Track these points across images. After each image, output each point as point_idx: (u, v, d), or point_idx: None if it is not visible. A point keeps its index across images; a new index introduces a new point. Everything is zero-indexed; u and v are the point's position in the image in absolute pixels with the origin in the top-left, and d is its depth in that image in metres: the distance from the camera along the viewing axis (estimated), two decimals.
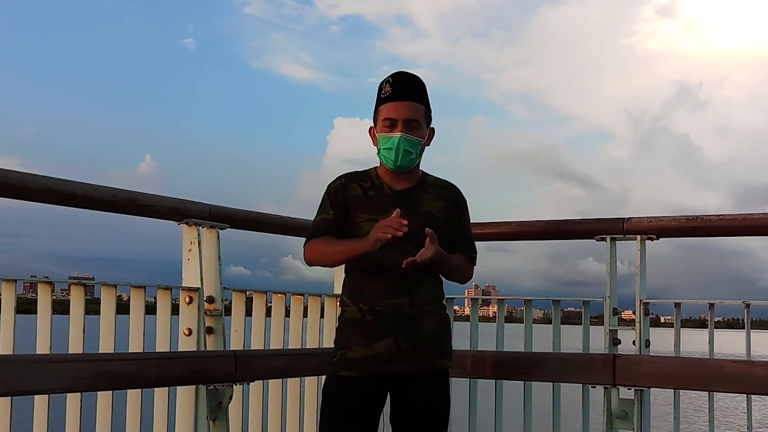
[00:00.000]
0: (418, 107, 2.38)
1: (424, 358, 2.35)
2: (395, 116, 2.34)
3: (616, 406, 3.02)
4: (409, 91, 2.38)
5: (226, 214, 3.14)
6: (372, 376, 2.33)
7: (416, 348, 2.33)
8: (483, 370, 3.25)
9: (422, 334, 2.34)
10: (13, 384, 2.30)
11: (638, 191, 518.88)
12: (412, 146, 2.35)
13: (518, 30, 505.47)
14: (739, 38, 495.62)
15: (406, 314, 2.32)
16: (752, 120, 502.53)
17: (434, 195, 2.43)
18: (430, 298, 2.40)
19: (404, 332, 2.32)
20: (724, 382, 2.79)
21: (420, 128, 2.37)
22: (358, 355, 2.35)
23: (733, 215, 2.99)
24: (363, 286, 2.38)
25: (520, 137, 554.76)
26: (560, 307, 3.46)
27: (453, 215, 2.44)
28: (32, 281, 2.83)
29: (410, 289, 2.33)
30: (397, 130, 2.34)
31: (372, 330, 2.33)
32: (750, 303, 2.96)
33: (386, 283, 2.33)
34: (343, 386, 2.37)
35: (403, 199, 2.37)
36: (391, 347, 2.31)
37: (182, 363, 2.83)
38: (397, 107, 2.34)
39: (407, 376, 2.33)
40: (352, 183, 2.44)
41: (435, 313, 2.40)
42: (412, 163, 2.39)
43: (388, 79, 2.39)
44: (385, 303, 2.33)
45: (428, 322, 2.36)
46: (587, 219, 3.32)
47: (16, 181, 2.45)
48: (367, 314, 2.35)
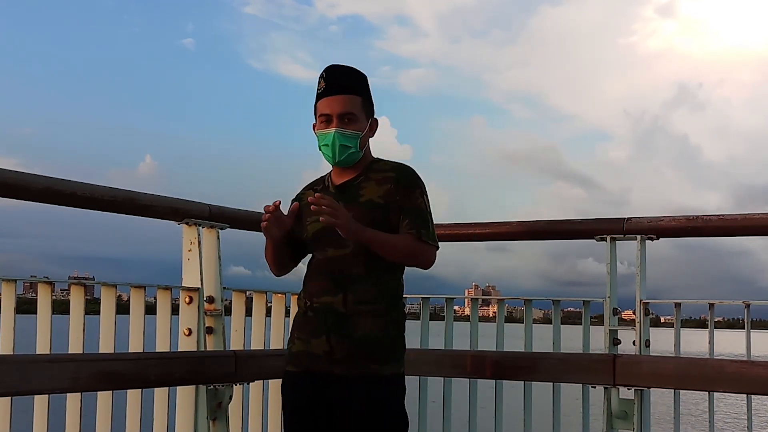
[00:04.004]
0: (354, 99, 2.31)
1: (358, 362, 2.21)
2: (329, 111, 2.29)
3: (616, 407, 3.02)
4: (342, 84, 2.31)
5: (226, 214, 3.14)
6: (310, 372, 2.27)
7: (349, 350, 2.21)
8: (483, 370, 3.25)
9: (357, 336, 2.21)
10: (13, 384, 2.30)
11: (638, 191, 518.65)
12: (349, 140, 2.29)
13: (518, 30, 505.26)
14: (740, 38, 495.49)
15: (339, 313, 2.23)
16: (752, 120, 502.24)
17: (377, 180, 2.32)
18: (369, 297, 2.25)
19: (336, 332, 2.23)
20: (724, 382, 2.79)
21: (357, 121, 2.30)
22: (299, 349, 2.31)
23: (733, 215, 2.99)
24: (307, 282, 2.36)
25: (520, 137, 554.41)
26: (560, 307, 3.46)
27: (397, 196, 2.30)
28: (32, 281, 2.83)
29: (345, 287, 2.24)
30: (332, 125, 2.29)
31: (310, 327, 2.29)
32: (750, 303, 2.96)
33: (323, 279, 2.28)
34: (288, 381, 2.35)
35: (342, 193, 2.32)
36: (324, 347, 2.24)
37: (182, 363, 2.84)
38: (330, 102, 2.29)
39: (341, 379, 2.22)
40: (306, 191, 2.44)
41: (377, 314, 2.25)
42: (352, 157, 2.32)
43: (322, 73, 2.33)
44: (320, 300, 2.28)
45: (366, 323, 2.22)
46: (587, 219, 3.32)
47: (15, 180, 2.45)
48: (308, 310, 2.31)
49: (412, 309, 3.79)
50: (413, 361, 3.32)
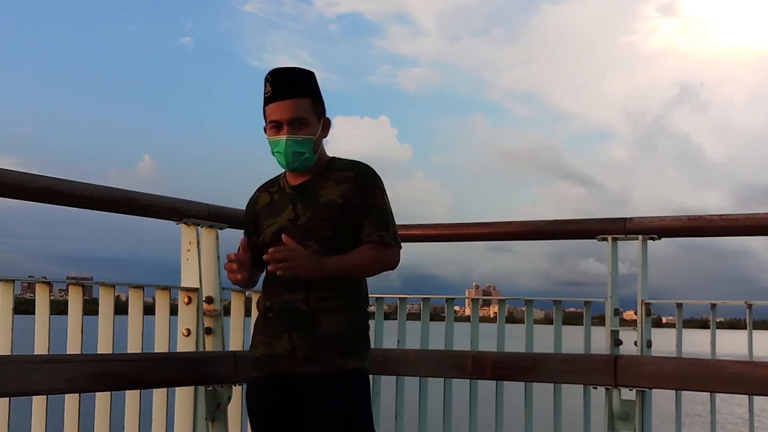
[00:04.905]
0: (302, 103, 2.26)
1: (321, 358, 2.20)
2: (278, 118, 2.25)
3: (617, 407, 3.01)
4: (288, 88, 2.26)
5: (225, 214, 3.13)
6: (275, 375, 2.24)
7: (313, 347, 2.20)
8: (484, 371, 3.24)
9: (321, 332, 2.20)
10: (11, 385, 2.29)
11: (639, 191, 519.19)
12: (302, 146, 2.25)
13: (519, 28, 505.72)
14: (741, 37, 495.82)
15: (301, 311, 2.21)
16: (754, 120, 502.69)
17: (336, 180, 2.29)
18: (331, 294, 2.23)
19: (299, 330, 2.21)
20: (726, 382, 2.78)
21: (308, 125, 2.26)
22: (261, 353, 2.28)
23: (735, 215, 2.98)
24: (267, 283, 2.32)
25: (521, 136, 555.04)
26: (561, 307, 3.45)
27: (356, 195, 2.27)
28: (30, 281, 2.82)
29: (307, 285, 2.20)
30: (282, 132, 2.24)
31: (271, 328, 2.26)
32: (752, 303, 2.95)
33: (283, 279, 2.20)
34: (252, 388, 2.32)
35: (300, 194, 2.29)
36: (286, 346, 2.21)
37: (181, 364, 2.83)
38: (278, 108, 2.25)
39: (305, 377, 2.20)
40: (262, 193, 2.41)
41: (341, 310, 2.24)
42: (307, 162, 2.28)
43: (267, 76, 2.28)
44: (281, 299, 2.25)
45: (329, 319, 2.21)
46: (588, 219, 3.31)
47: (14, 180, 2.45)
48: (269, 311, 2.29)
49: (413, 309, 3.78)
50: (413, 362, 3.33)
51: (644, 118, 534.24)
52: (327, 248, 2.23)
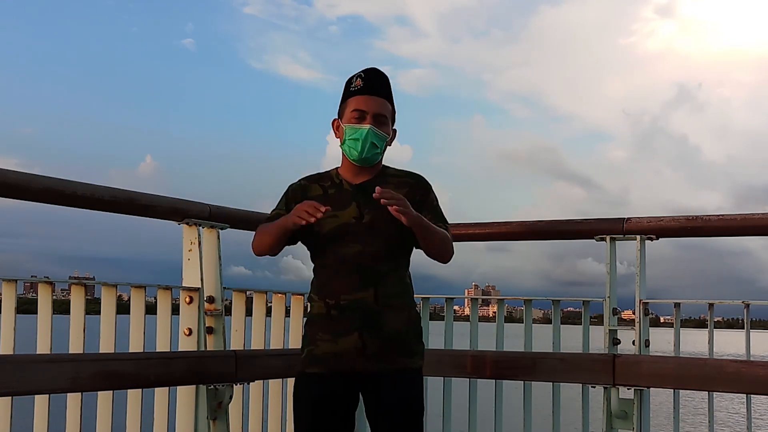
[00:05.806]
0: (387, 104, 2.38)
1: (390, 357, 2.27)
2: (365, 108, 2.33)
3: (615, 406, 3.03)
4: (380, 87, 2.38)
5: (226, 214, 3.14)
6: (339, 373, 2.28)
7: (382, 345, 2.26)
8: (483, 370, 3.25)
9: (387, 330, 2.27)
10: (13, 384, 2.30)
11: (637, 191, 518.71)
12: (379, 140, 2.33)
13: (518, 30, 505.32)
14: (739, 38, 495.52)
15: (371, 309, 2.26)
16: (752, 120, 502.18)
17: (396, 184, 2.35)
18: (396, 291, 2.32)
19: (369, 328, 2.25)
20: (724, 382, 2.79)
21: (387, 125, 2.37)
22: (324, 351, 2.30)
23: (733, 215, 2.99)
24: (328, 281, 2.34)
25: (520, 137, 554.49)
26: (560, 307, 3.47)
27: (418, 199, 2.35)
28: (33, 281, 2.83)
29: (375, 282, 2.27)
30: (366, 122, 2.32)
31: (337, 325, 2.28)
32: (750, 303, 2.96)
33: (351, 277, 2.27)
34: (311, 384, 2.32)
35: (362, 192, 2.33)
36: (357, 343, 2.25)
37: (182, 363, 2.84)
38: (367, 100, 2.34)
39: (374, 375, 2.27)
40: (312, 184, 2.43)
41: (402, 309, 2.33)
42: (375, 158, 2.36)
43: (359, 74, 2.38)
44: (350, 297, 2.27)
45: (394, 318, 2.29)
46: (587, 219, 3.32)
47: (16, 180, 2.45)
48: (332, 309, 2.30)
49: None
50: None
51: (643, 119, 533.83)
52: (391, 246, 2.30)
